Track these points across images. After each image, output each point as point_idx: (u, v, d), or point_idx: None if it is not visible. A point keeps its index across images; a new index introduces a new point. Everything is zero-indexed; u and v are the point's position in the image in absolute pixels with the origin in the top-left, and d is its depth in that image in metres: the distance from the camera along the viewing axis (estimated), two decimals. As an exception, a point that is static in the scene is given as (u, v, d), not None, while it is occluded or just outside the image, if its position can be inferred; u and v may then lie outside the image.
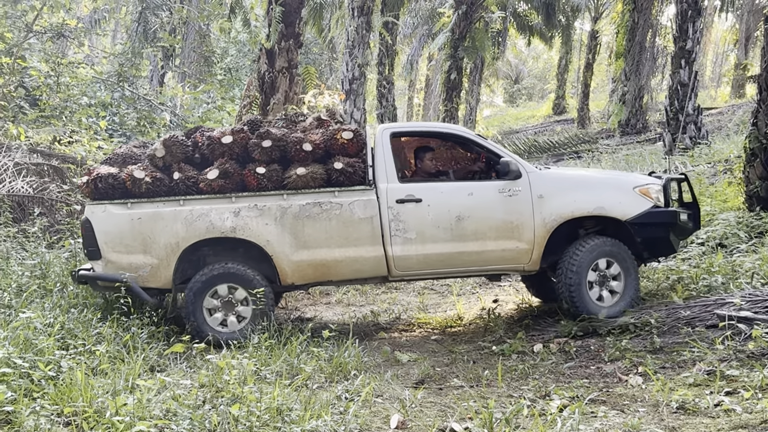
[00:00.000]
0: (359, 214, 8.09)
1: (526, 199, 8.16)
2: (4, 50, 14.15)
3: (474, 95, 33.27)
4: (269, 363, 6.78)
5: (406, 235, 8.12)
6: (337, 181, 8.19)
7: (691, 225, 8.49)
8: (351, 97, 20.73)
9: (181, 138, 8.45)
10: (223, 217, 8.06)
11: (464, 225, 8.13)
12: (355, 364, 6.95)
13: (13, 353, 6.12)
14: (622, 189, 8.34)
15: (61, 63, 15.21)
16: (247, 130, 8.46)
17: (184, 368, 6.88)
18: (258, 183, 8.17)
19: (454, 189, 8.31)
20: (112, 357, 6.87)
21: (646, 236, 8.30)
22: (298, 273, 8.15)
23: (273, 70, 13.76)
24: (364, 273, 8.28)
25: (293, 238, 8.08)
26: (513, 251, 8.20)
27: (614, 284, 8.25)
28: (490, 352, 7.65)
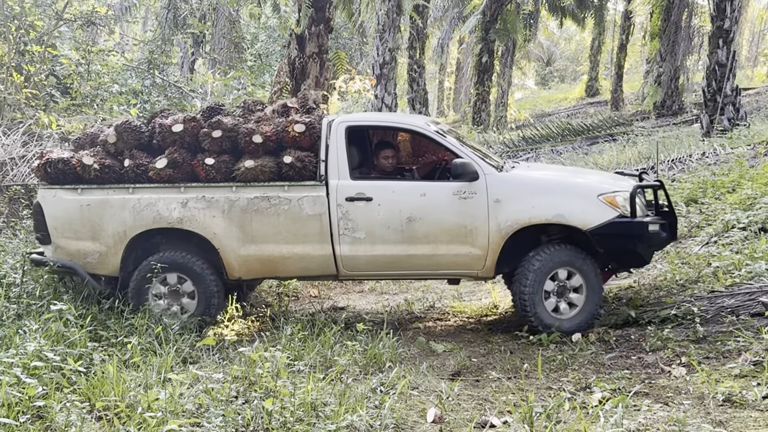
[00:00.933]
0: (308, 211, 7.87)
1: (482, 202, 7.73)
2: (34, 39, 14.15)
3: (505, 78, 32.93)
4: (302, 355, 6.69)
5: (355, 234, 7.86)
6: (287, 176, 7.95)
7: (664, 235, 7.89)
8: (382, 82, 20.57)
9: (134, 124, 8.28)
10: (170, 208, 7.95)
11: (415, 227, 7.79)
12: (389, 355, 6.84)
13: (45, 346, 6.09)
14: (585, 196, 7.76)
15: (92, 51, 15.21)
16: (200, 119, 8.25)
17: (217, 360, 6.80)
18: (206, 174, 7.99)
19: (407, 189, 7.95)
20: (144, 349, 6.82)
21: (610, 247, 7.79)
22: (245, 267, 8.02)
23: (303, 56, 13.65)
24: (312, 271, 8.09)
25: (241, 232, 7.93)
26: (466, 257, 7.83)
27: (574, 296, 7.80)
28: (527, 342, 7.51)
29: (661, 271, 9.10)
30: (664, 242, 7.98)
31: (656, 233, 7.72)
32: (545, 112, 38.12)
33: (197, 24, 21.18)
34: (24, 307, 7.62)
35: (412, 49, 26.48)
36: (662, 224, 7.82)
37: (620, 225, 7.62)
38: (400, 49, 22.21)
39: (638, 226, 7.65)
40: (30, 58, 13.96)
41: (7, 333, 6.57)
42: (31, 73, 13.50)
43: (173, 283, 8.04)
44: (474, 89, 30.09)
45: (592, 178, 8.47)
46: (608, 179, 8.33)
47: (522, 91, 54.18)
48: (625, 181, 8.25)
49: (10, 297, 7.78)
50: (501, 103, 32.30)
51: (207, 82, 19.76)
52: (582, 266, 7.73)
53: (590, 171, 9.63)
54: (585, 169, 9.98)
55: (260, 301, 9.64)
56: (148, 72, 17.18)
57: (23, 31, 13.75)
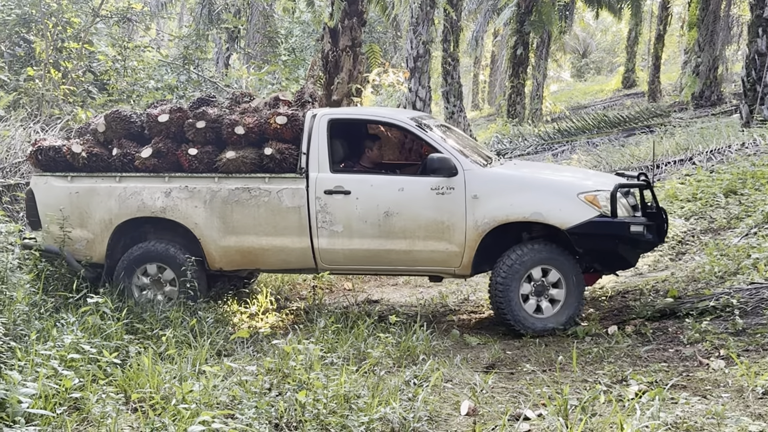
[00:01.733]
0: (287, 203, 7.87)
1: (459, 198, 7.61)
2: (71, 35, 14.29)
3: (541, 70, 32.70)
4: (336, 348, 6.69)
5: (333, 227, 7.84)
6: (268, 167, 7.97)
7: (650, 237, 7.61)
8: (416, 75, 20.52)
9: (124, 114, 8.38)
10: (154, 197, 8.06)
11: (392, 221, 7.73)
12: (423, 347, 6.83)
13: (82, 338, 6.15)
14: (564, 194, 7.55)
15: (128, 47, 15.32)
16: (187, 110, 8.31)
17: (251, 353, 6.83)
18: (189, 164, 8.07)
19: (385, 183, 7.88)
20: (179, 342, 6.86)
21: (590, 247, 7.59)
22: (225, 258, 8.07)
23: (336, 49, 13.65)
24: (291, 264, 8.10)
25: (222, 223, 7.99)
26: (442, 253, 7.73)
27: (554, 292, 7.63)
28: (562, 334, 7.44)
29: (700, 263, 8.96)
30: (649, 244, 7.74)
31: (639, 234, 7.47)
32: (581, 104, 37.82)
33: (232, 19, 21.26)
34: (62, 300, 7.71)
35: (446, 42, 26.37)
36: (647, 225, 7.56)
37: (600, 225, 7.42)
38: (434, 42, 22.12)
39: (619, 227, 7.44)
40: (67, 55, 14.10)
41: (45, 326, 6.64)
42: (68, 69, 13.64)
43: (153, 273, 8.16)
44: (509, 82, 29.92)
45: (578, 176, 8.26)
46: (597, 178, 8.12)
47: (557, 84, 53.76)
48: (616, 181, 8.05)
49: (48, 290, 7.87)
50: (536, 95, 32.09)
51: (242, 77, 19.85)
52: (559, 262, 7.56)
53: (582, 170, 9.37)
54: (578, 168, 9.77)
55: (294, 294, 9.67)
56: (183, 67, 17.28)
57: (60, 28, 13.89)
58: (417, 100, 20.51)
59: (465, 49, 36.60)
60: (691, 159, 14.72)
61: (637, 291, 8.66)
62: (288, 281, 9.88)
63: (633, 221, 7.52)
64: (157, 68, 17.30)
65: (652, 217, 7.74)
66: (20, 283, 6.99)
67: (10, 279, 6.90)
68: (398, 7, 22.53)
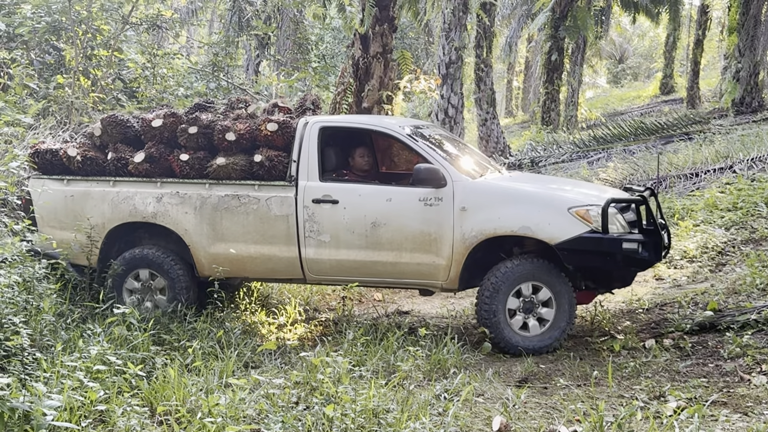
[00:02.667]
0: (276, 211, 7.89)
1: (447, 210, 7.55)
2: (101, 43, 14.42)
3: (576, 76, 32.47)
4: (365, 361, 6.66)
5: (320, 237, 7.83)
6: (257, 175, 8.00)
7: (645, 255, 7.39)
8: (448, 82, 20.47)
9: (121, 118, 8.48)
10: (146, 202, 8.15)
11: (379, 232, 7.70)
12: (454, 361, 6.78)
13: (108, 350, 6.17)
14: (554, 208, 7.42)
15: (157, 54, 15.43)
16: (181, 115, 8.37)
17: (279, 365, 6.81)
18: (181, 170, 8.14)
19: (373, 193, 7.86)
20: (206, 353, 6.87)
21: (580, 264, 7.46)
22: (214, 266, 8.10)
23: (367, 56, 13.65)
24: (279, 273, 8.13)
25: (211, 230, 8.04)
26: (429, 266, 7.67)
27: (543, 311, 7.48)
28: (597, 348, 7.36)
29: (740, 275, 8.82)
30: (645, 262, 7.54)
31: (632, 252, 7.31)
32: (617, 110, 37.53)
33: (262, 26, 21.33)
34: (88, 310, 7.76)
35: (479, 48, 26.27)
36: (642, 242, 7.38)
37: (590, 241, 7.28)
38: (466, 48, 22.05)
39: (610, 243, 7.28)
40: (97, 62, 14.23)
41: (71, 336, 6.68)
42: (98, 77, 13.76)
43: (145, 279, 8.22)
44: (543, 88, 29.74)
45: (574, 190, 8.10)
46: (596, 192, 7.98)
47: (593, 90, 53.42)
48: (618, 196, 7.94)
49: (75, 300, 7.93)
50: (571, 102, 31.89)
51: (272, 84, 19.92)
52: (549, 279, 7.43)
53: (585, 184, 9.21)
54: (580, 182, 9.58)
55: (324, 305, 9.65)
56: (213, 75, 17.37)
57: (90, 35, 14.02)
58: (449, 107, 20.46)
59: (498, 55, 36.47)
60: (731, 167, 14.52)
61: (675, 303, 8.54)
62: (317, 291, 9.87)
63: (626, 238, 7.36)
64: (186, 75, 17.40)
65: (649, 234, 7.53)
66: (47, 293, 7.04)
67: (36, 288, 6.95)
68: (430, 12, 22.51)
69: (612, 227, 7.34)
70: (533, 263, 7.47)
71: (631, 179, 15.17)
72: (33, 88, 12.62)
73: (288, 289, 9.70)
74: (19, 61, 13.21)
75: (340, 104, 13.82)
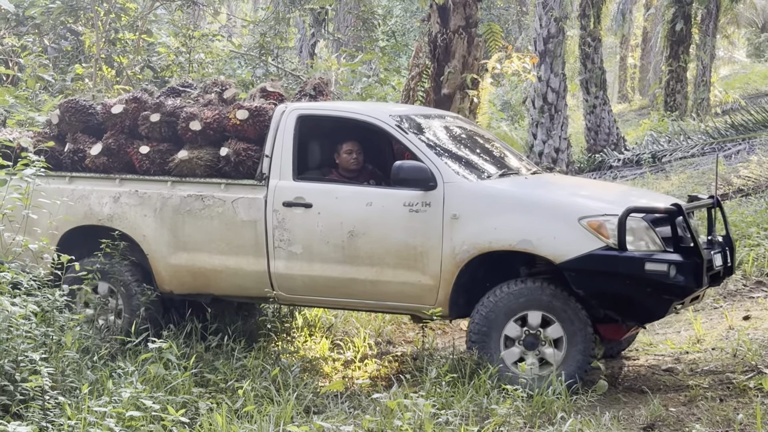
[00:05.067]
0: (243, 216, 7.91)
1: (436, 217, 7.44)
2: (126, 25, 14.70)
3: (707, 50, 32.01)
4: (451, 403, 6.68)
5: (291, 248, 7.81)
6: (224, 171, 8.03)
7: (680, 279, 7.09)
8: (546, 60, 20.39)
9: (82, 104, 8.59)
10: (102, 202, 8.27)
11: (358, 243, 7.63)
12: (562, 403, 6.75)
13: (143, 392, 6.29)
14: (562, 218, 7.28)
15: (193, 36, 15.68)
16: (146, 99, 8.42)
17: (347, 409, 6.87)
18: (140, 165, 8.22)
19: (351, 195, 7.83)
20: (259, 396, 6.96)
21: (592, 289, 7.20)
22: (176, 279, 8.19)
23: (447, 31, 13.68)
24: (247, 290, 8.15)
25: (172, 237, 8.12)
26: (414, 286, 7.58)
27: (548, 352, 7.28)
28: (742, 386, 7.25)
29: None
30: (681, 289, 7.19)
31: (661, 275, 7.05)
32: (761, 91, 36.83)
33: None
34: (118, 345, 7.92)
35: (585, 18, 26.09)
36: (676, 264, 7.07)
37: (603, 259, 7.09)
38: (569, 18, 21.97)
39: (628, 263, 7.06)
40: (122, 48, 14.53)
41: (99, 376, 6.84)
42: (123, 65, 14.06)
43: (103, 293, 8.34)
44: (666, 66, 29.40)
45: (599, 195, 8.01)
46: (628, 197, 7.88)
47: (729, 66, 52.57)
48: (660, 203, 7.70)
49: (102, 333, 8.10)
50: (701, 81, 31.43)
51: (330, 68, 20.11)
52: (563, 311, 7.23)
53: (638, 190, 8.98)
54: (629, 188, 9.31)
55: (399, 337, 9.70)
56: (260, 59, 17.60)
57: (114, 16, 14.30)
58: (548, 91, 20.39)
59: (608, 26, 36.16)
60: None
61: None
62: (391, 320, 9.92)
63: (651, 257, 7.11)
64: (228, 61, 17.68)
65: (687, 254, 7.21)
66: (69, 325, 7.22)
67: (57, 320, 7.13)
68: (523, -25, 22.48)
69: (639, 243, 7.16)
70: (547, 287, 7.30)
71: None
72: (47, 80, 12.95)
73: (357, 318, 9.78)
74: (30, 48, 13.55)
75: (414, 91, 13.90)
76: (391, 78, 19.76)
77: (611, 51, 48.81)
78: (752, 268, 10.62)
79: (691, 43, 29.79)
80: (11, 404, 5.87)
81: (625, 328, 7.72)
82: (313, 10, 24.63)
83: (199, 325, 8.31)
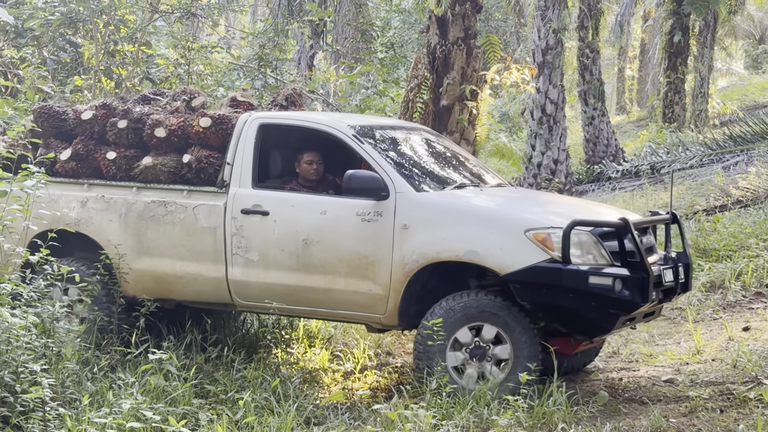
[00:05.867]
0: (203, 222, 8.04)
1: (387, 227, 7.51)
2: (126, 36, 14.72)
3: (705, 62, 32.07)
4: (452, 414, 6.68)
5: (248, 255, 7.91)
6: (186, 178, 8.16)
7: (626, 294, 7.07)
8: (545, 71, 20.42)
9: (55, 110, 8.75)
10: (70, 206, 8.38)
11: (311, 251, 7.73)
12: (563, 414, 6.76)
13: (143, 403, 6.30)
14: (509, 230, 7.33)
15: (193, 48, 15.70)
16: (115, 106, 8.54)
17: (347, 421, 6.88)
18: (107, 170, 8.37)
19: (307, 203, 7.95)
20: (259, 407, 6.96)
21: (536, 302, 7.22)
22: (139, 285, 8.31)
23: (446, 43, 13.70)
24: (206, 296, 8.25)
25: (136, 242, 8.27)
26: (365, 295, 7.63)
27: (490, 369, 7.29)
28: (742, 397, 7.25)
29: None
30: (626, 304, 7.17)
31: (606, 289, 7.05)
32: (759, 102, 36.91)
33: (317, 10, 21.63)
34: (118, 356, 7.93)
35: (583, 30, 26.15)
36: (622, 278, 7.09)
37: (546, 272, 7.11)
38: (567, 29, 22.00)
39: (571, 276, 7.07)
40: (121, 60, 14.55)
41: (99, 388, 6.84)
42: (122, 77, 14.08)
43: (74, 297, 8.37)
44: (664, 77, 29.45)
45: (550, 208, 8.08)
46: (579, 211, 7.91)
47: (727, 78, 52.71)
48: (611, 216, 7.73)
49: (102, 344, 8.11)
50: (699, 93, 31.48)
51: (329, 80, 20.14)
52: (505, 321, 7.25)
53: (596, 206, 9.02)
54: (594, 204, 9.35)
55: (399, 348, 9.70)
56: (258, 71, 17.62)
57: (113, 27, 14.33)
58: (547, 102, 20.41)
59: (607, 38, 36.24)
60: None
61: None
62: (392, 332, 9.92)
63: (595, 271, 7.13)
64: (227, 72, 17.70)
65: (635, 269, 7.21)
66: (69, 336, 7.22)
67: (57, 331, 7.14)
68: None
69: (587, 257, 7.19)
70: (485, 298, 7.36)
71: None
72: (47, 92, 12.96)
73: (356, 329, 9.78)
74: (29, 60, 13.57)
75: (413, 102, 13.90)
76: (389, 89, 19.76)
77: (609, 62, 48.98)
78: (751, 279, 10.63)
79: (689, 54, 29.86)
80: (11, 416, 5.88)
81: (574, 341, 7.77)
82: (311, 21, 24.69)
83: (198, 336, 8.36)
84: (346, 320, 8.37)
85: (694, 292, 10.31)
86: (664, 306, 8.37)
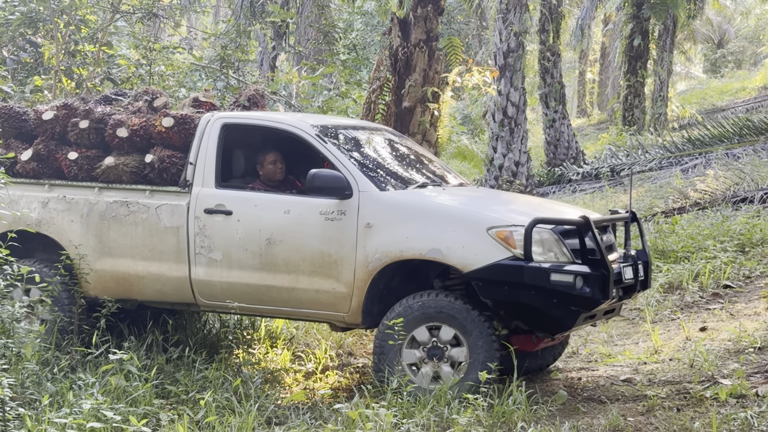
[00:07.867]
0: (165, 222, 8.08)
1: (350, 226, 7.58)
2: (86, 37, 14.63)
3: (664, 65, 32.33)
4: (413, 413, 6.71)
5: (211, 255, 7.97)
6: (148, 178, 8.21)
7: (586, 291, 7.18)
8: (506, 74, 20.50)
9: (16, 110, 8.76)
10: (31, 207, 8.37)
11: (275, 251, 7.79)
12: (522, 413, 6.80)
13: (104, 404, 6.28)
14: (471, 228, 7.39)
15: (154, 49, 15.62)
16: (77, 106, 8.57)
17: (308, 420, 6.89)
18: (69, 170, 8.38)
19: (270, 203, 8.00)
20: (221, 407, 6.96)
21: (499, 299, 7.31)
22: (100, 285, 8.33)
23: (408, 45, 13.74)
24: (168, 296, 8.28)
25: (98, 242, 8.29)
26: (329, 294, 7.71)
27: (445, 369, 7.37)
28: (698, 396, 7.33)
29: None
30: (587, 301, 7.27)
31: (567, 286, 7.17)
32: (717, 106, 37.29)
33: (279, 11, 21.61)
34: (79, 356, 7.89)
35: (544, 33, 26.32)
36: (583, 275, 7.21)
37: (509, 270, 7.21)
38: (528, 33, 22.10)
39: (533, 274, 7.17)
40: (82, 60, 14.45)
41: (59, 388, 6.81)
42: (83, 77, 13.99)
43: (34, 298, 8.28)
44: (624, 80, 29.67)
45: (512, 207, 8.17)
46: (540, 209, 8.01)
47: (686, 82, 53.19)
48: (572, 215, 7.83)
49: (62, 344, 8.06)
50: (659, 96, 31.75)
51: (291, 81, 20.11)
52: (458, 322, 7.31)
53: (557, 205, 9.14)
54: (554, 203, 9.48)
55: (360, 348, 9.72)
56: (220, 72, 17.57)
57: (74, 27, 14.24)
58: (508, 105, 20.49)
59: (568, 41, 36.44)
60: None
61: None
62: (353, 332, 9.94)
63: (556, 268, 7.23)
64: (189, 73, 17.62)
65: (595, 266, 7.33)
66: (29, 337, 7.18)
67: (17, 332, 7.10)
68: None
69: (548, 255, 7.29)
70: (440, 298, 7.42)
71: (737, 190, 15.08)
72: (6, 92, 12.84)
73: (318, 330, 9.80)
74: (-11, 60, 13.41)
75: (375, 104, 13.93)
76: (352, 91, 19.77)
77: (570, 66, 49.22)
78: (709, 280, 10.75)
79: (649, 58, 30.12)
80: (-29, 416, 5.84)
81: (535, 339, 7.81)
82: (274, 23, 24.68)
83: (160, 337, 8.34)
84: (310, 319, 8.38)
85: (652, 292, 10.42)
86: (623, 304, 8.44)
